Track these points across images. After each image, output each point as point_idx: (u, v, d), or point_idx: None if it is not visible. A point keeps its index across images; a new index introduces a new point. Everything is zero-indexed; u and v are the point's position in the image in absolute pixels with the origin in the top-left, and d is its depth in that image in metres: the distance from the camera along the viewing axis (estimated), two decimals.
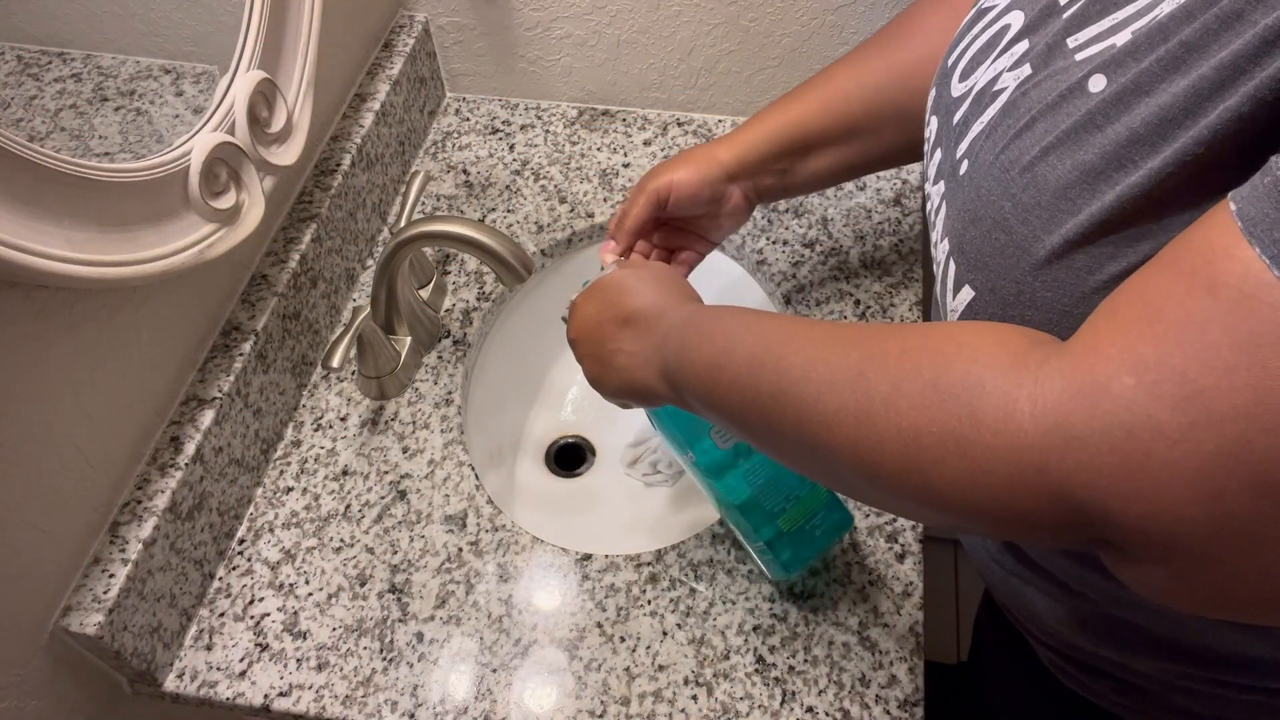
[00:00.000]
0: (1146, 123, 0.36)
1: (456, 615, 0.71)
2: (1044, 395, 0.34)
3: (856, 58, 0.71)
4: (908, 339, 0.41)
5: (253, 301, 0.77)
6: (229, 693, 0.68)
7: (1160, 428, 0.31)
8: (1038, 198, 0.40)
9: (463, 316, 0.90)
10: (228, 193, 0.68)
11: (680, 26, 0.97)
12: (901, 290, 0.88)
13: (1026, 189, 0.41)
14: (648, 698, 0.67)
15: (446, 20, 1.01)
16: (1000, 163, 0.43)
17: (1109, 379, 0.33)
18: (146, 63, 0.66)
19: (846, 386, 0.42)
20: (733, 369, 0.49)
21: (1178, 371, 0.31)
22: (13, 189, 0.50)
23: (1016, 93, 0.44)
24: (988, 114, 0.46)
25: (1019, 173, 0.42)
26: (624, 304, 0.60)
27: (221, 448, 0.72)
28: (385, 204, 0.96)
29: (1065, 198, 0.39)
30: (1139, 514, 0.32)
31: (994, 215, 0.42)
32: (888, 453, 0.40)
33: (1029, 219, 0.41)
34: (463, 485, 0.78)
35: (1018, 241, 0.41)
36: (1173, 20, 0.37)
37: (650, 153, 1.01)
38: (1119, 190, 0.37)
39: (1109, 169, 0.38)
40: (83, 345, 0.61)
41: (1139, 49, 0.38)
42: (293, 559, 0.75)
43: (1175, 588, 0.34)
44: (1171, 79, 0.36)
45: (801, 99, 0.71)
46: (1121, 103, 0.38)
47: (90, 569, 0.64)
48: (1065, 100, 0.41)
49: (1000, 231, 0.42)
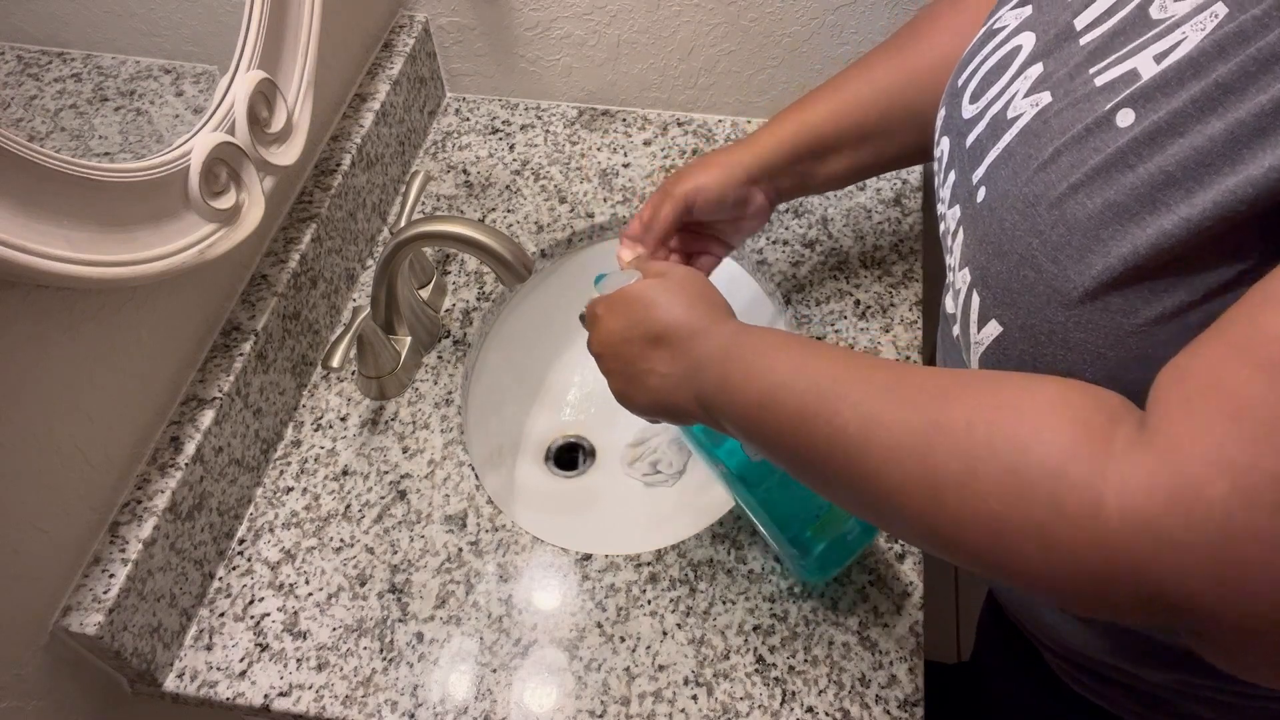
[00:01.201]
0: (1181, 165, 0.36)
1: (456, 615, 0.71)
2: (1131, 492, 0.34)
3: (871, 60, 0.71)
4: (972, 408, 0.40)
5: (253, 301, 0.77)
6: (229, 693, 0.68)
7: (1259, 534, 0.31)
8: (1067, 236, 0.40)
9: (463, 316, 0.90)
10: (228, 193, 0.68)
11: (680, 26, 0.97)
12: (901, 290, 0.88)
13: (1055, 226, 0.40)
14: (648, 698, 0.67)
15: (446, 20, 1.01)
16: (1025, 196, 0.42)
17: (1202, 483, 0.32)
18: (146, 63, 0.66)
19: (912, 459, 0.40)
20: (780, 413, 0.47)
21: (1273, 476, 0.31)
22: (13, 189, 0.50)
23: (1037, 120, 0.44)
24: (1004, 140, 0.45)
25: (1046, 209, 0.41)
26: (654, 320, 0.57)
27: (221, 448, 0.72)
28: (385, 204, 0.96)
29: (1096, 238, 0.39)
30: (1238, 615, 0.32)
31: (1021, 251, 0.42)
32: (964, 533, 0.39)
33: (1059, 257, 0.40)
34: (463, 485, 0.78)
35: (1047, 280, 0.41)
36: (1204, 56, 0.36)
37: (650, 153, 1.01)
38: (1152, 235, 0.37)
39: (1141, 210, 0.37)
40: (83, 345, 0.61)
41: (1169, 83, 0.37)
42: (293, 559, 0.75)
43: (1269, 672, 0.34)
44: (1206, 120, 0.35)
45: (817, 103, 0.71)
46: (1154, 142, 0.37)
47: (90, 569, 0.64)
48: (1092, 134, 0.40)
49: (1029, 268, 0.41)
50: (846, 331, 0.85)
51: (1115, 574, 0.34)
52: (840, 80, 0.71)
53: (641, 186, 0.98)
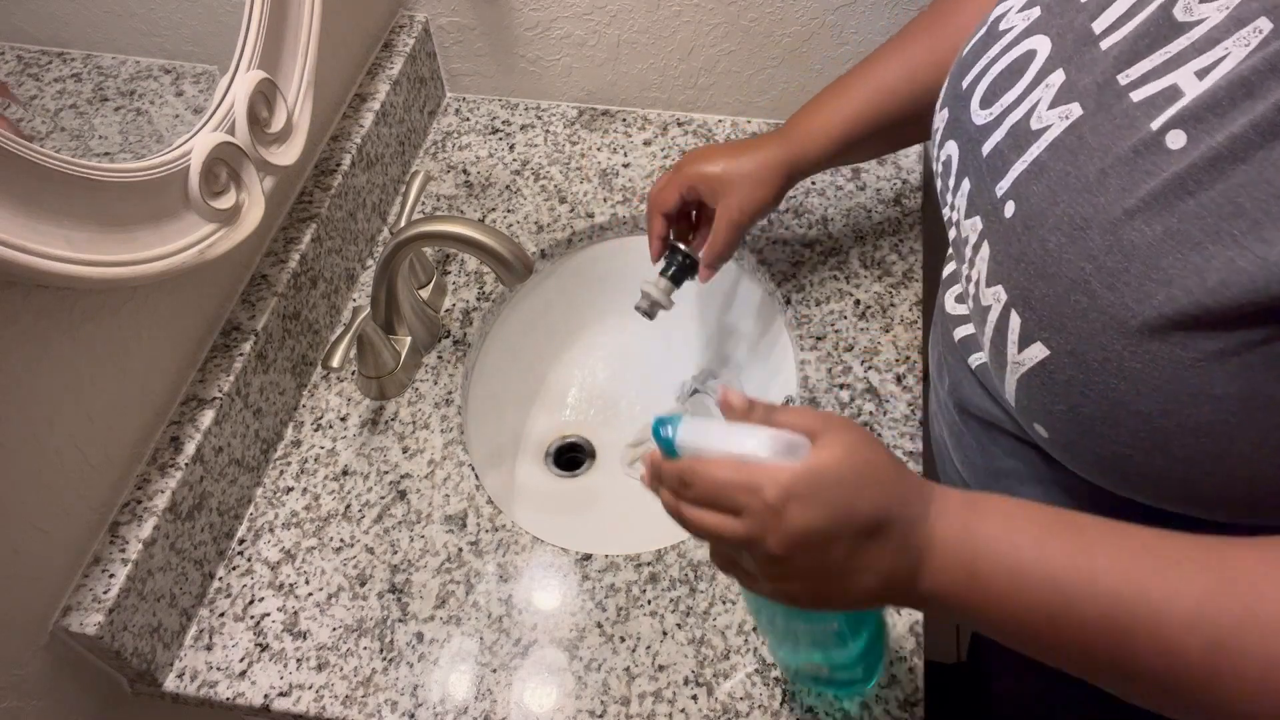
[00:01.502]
0: (1251, 196, 0.35)
1: (456, 615, 0.71)
2: None
3: (904, 44, 0.72)
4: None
5: (253, 301, 0.77)
6: (229, 693, 0.68)
7: None
8: (1124, 263, 0.39)
9: (463, 316, 0.90)
10: (228, 193, 0.68)
11: (680, 26, 0.97)
12: (901, 290, 0.88)
13: (1110, 252, 0.39)
14: (648, 698, 0.67)
15: (446, 20, 1.01)
16: (1071, 217, 0.41)
17: None
18: (146, 63, 0.66)
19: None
20: (1075, 629, 0.42)
21: None
22: (13, 189, 0.50)
23: (1070, 135, 0.43)
24: (1032, 152, 0.44)
25: (1100, 233, 0.40)
26: (863, 509, 0.45)
27: (221, 448, 0.72)
28: (385, 204, 0.96)
29: (1156, 266, 0.38)
30: None
31: (1071, 275, 0.41)
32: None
33: (1116, 285, 0.39)
34: (463, 485, 0.78)
35: (1103, 307, 0.40)
36: (1256, 75, 0.35)
37: (650, 153, 1.01)
38: (1220, 268, 0.36)
39: (1205, 240, 0.36)
40: (83, 345, 0.61)
41: (1219, 104, 0.36)
42: (293, 559, 0.75)
43: None
44: (1273, 147, 0.34)
45: (853, 95, 0.73)
46: (1214, 168, 0.36)
47: (90, 569, 0.64)
48: (1141, 156, 0.39)
49: (1081, 294, 0.40)
50: (846, 331, 0.85)
51: None
52: (875, 68, 0.73)
53: (641, 186, 0.98)
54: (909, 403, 0.80)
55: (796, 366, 0.84)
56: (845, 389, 0.81)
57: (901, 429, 0.79)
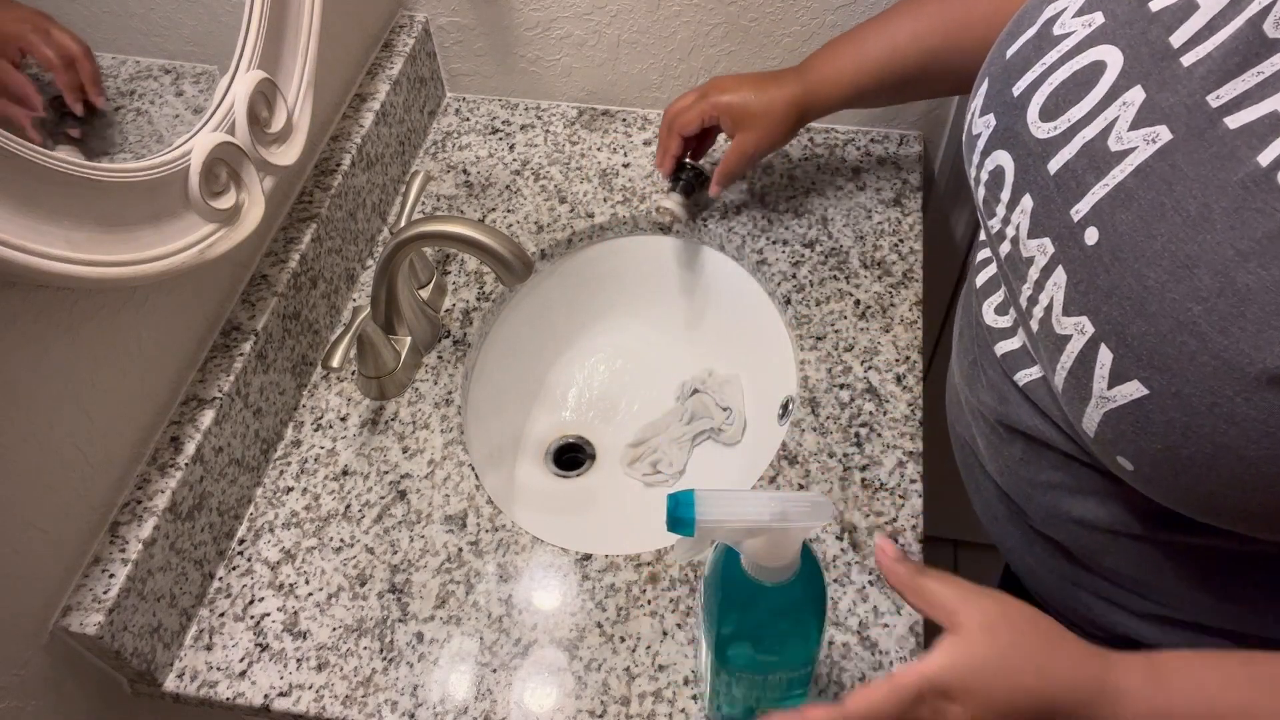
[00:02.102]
0: None
1: (456, 615, 0.71)
2: None
3: (915, 9, 0.75)
4: None
5: (253, 301, 0.77)
6: (229, 693, 0.68)
7: None
8: (1239, 307, 0.37)
9: (463, 316, 0.90)
10: (228, 193, 0.68)
11: (680, 26, 0.97)
12: (901, 290, 0.88)
13: (1222, 295, 0.38)
14: (648, 698, 0.67)
15: (446, 20, 1.01)
16: (1175, 255, 0.39)
17: None
18: (146, 63, 0.66)
19: None
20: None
21: None
22: (13, 189, 0.50)
23: (1160, 162, 0.41)
24: (1114, 176, 0.42)
25: (1210, 275, 0.38)
26: (1031, 696, 0.45)
27: (221, 448, 0.72)
28: (385, 204, 0.96)
29: (1277, 313, 0.36)
30: None
31: (1178, 316, 0.39)
32: None
33: (1230, 330, 0.38)
34: (463, 485, 0.78)
35: (1215, 352, 0.38)
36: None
37: (650, 153, 1.01)
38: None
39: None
40: (83, 345, 0.61)
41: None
42: (293, 559, 0.75)
43: None
44: None
45: (866, 49, 0.77)
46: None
47: (90, 569, 0.64)
48: (1252, 194, 0.37)
49: (1190, 336, 0.39)
50: (846, 331, 0.85)
51: None
52: (887, 28, 0.76)
53: (641, 186, 0.98)
54: (909, 403, 0.80)
55: (796, 366, 0.84)
56: (845, 389, 0.81)
57: (901, 429, 0.79)
